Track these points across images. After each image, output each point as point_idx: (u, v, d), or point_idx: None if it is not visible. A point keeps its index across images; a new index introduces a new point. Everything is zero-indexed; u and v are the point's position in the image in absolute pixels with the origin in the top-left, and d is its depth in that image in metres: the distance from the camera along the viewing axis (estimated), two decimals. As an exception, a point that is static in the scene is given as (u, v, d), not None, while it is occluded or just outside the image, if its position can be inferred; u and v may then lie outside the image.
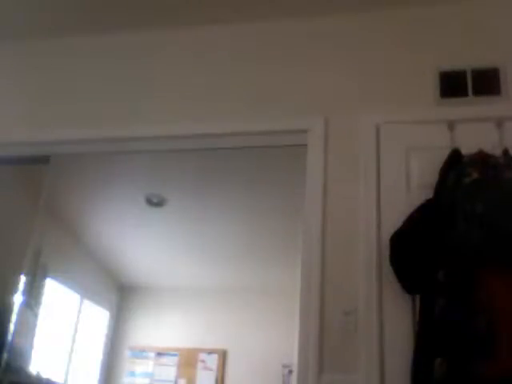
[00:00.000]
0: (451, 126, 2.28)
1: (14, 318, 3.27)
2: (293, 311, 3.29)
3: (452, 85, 2.41)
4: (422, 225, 2.03)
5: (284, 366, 5.27)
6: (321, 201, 2.31)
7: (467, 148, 2.12)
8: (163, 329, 5.93)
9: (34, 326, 4.03)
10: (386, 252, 2.08)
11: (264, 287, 5.62)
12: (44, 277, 4.22)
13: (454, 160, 2.11)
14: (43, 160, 2.91)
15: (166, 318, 5.97)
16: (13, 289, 3.29)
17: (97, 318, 5.74)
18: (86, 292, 5.39)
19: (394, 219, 2.09)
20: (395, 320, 2.07)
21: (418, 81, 2.45)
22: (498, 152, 2.10)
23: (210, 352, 5.75)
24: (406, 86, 2.46)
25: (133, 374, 5.84)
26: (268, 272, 5.36)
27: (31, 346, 3.98)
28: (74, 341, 5.13)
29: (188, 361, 5.77)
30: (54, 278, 4.58)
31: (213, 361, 5.72)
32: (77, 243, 5.12)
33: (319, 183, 2.35)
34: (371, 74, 2.53)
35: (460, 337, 1.79)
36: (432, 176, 2.12)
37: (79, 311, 5.29)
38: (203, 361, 5.75)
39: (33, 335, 4.01)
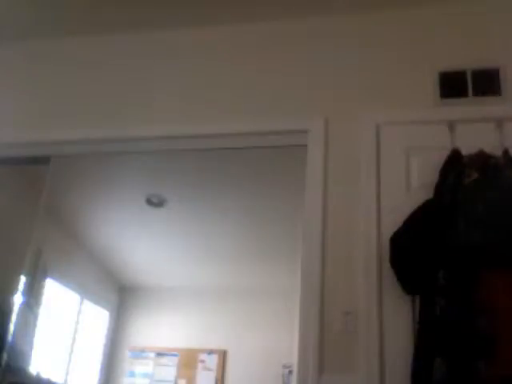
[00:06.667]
0: (451, 126, 2.28)
1: (13, 318, 3.27)
2: (293, 311, 3.30)
3: (452, 85, 2.41)
4: (422, 225, 2.03)
5: (284, 367, 5.26)
6: (321, 201, 2.31)
7: (467, 148, 2.12)
8: (163, 329, 5.93)
9: (34, 326, 4.02)
10: (386, 252, 2.08)
11: (264, 287, 5.62)
12: (44, 277, 4.22)
13: (454, 160, 2.11)
14: (44, 160, 2.91)
15: (166, 318, 5.97)
16: (13, 289, 3.29)
17: (97, 318, 5.74)
18: (86, 292, 5.39)
19: (394, 219, 2.09)
20: (395, 320, 2.07)
21: (418, 81, 2.45)
22: (498, 152, 2.11)
23: (210, 352, 5.74)
24: (406, 86, 2.46)
25: (133, 374, 5.84)
26: (268, 272, 5.36)
27: (31, 346, 3.98)
28: (74, 341, 5.13)
29: (188, 361, 5.77)
30: (54, 278, 4.58)
31: (213, 361, 5.72)
32: (77, 243, 5.12)
33: (319, 183, 2.35)
34: (371, 74, 2.53)
35: (460, 337, 1.79)
36: (432, 176, 2.12)
37: (79, 311, 5.29)
38: (203, 361, 5.75)
39: (33, 335, 4.01)
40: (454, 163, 2.10)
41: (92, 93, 2.85)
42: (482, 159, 2.07)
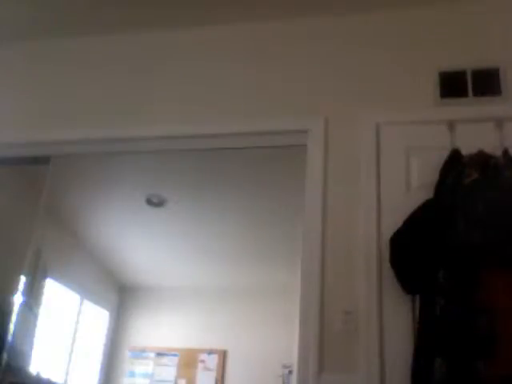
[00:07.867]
0: (451, 126, 2.28)
1: (14, 318, 3.27)
2: (293, 311, 3.29)
3: (452, 85, 2.41)
4: (422, 225, 2.03)
5: (284, 366, 5.26)
6: (321, 201, 2.31)
7: (467, 148, 2.13)
8: (163, 329, 5.93)
9: (34, 326, 4.02)
10: (386, 252, 2.08)
11: (264, 287, 5.62)
12: (44, 277, 4.22)
13: (454, 160, 2.11)
14: (43, 160, 2.91)
15: (166, 318, 5.97)
16: (13, 289, 3.29)
17: (97, 318, 5.74)
18: (86, 292, 5.39)
19: (394, 219, 2.09)
20: (395, 320, 2.07)
21: (418, 81, 2.45)
22: (498, 152, 2.11)
23: (210, 352, 5.75)
24: (406, 86, 2.46)
25: (133, 374, 5.84)
26: (268, 272, 5.36)
27: (31, 346, 3.97)
28: (74, 341, 5.13)
29: (188, 361, 5.77)
30: (54, 278, 4.58)
31: (213, 361, 5.72)
32: (77, 243, 5.12)
33: (319, 183, 2.35)
34: (371, 74, 2.53)
35: (460, 337, 1.79)
36: (432, 176, 2.12)
37: (79, 311, 5.29)
38: (203, 361, 5.75)
39: (33, 335, 4.01)
40: (454, 163, 2.10)
41: (92, 93, 2.85)
42: (482, 159, 2.07)
